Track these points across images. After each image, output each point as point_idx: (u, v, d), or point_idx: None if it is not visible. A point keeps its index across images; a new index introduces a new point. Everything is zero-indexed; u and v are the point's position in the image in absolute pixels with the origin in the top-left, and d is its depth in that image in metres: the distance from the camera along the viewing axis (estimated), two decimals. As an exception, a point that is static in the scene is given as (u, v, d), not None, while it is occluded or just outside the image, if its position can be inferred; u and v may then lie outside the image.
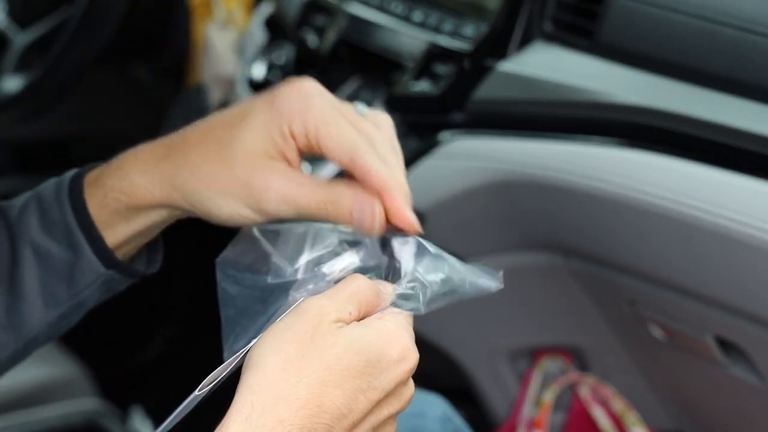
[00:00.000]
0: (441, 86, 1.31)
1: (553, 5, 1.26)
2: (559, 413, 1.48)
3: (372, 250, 0.79)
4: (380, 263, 0.79)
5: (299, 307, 0.72)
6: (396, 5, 1.44)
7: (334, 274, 0.78)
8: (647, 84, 1.15)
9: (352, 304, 0.73)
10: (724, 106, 1.08)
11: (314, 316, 0.71)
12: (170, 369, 2.14)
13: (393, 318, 0.74)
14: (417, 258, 0.77)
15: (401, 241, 0.78)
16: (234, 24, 1.72)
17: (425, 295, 0.76)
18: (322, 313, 0.71)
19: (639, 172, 1.11)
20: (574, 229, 1.25)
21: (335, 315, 0.71)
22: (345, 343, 0.70)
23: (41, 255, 0.88)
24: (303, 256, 0.80)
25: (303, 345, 0.70)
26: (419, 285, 0.76)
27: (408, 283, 0.76)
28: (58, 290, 0.88)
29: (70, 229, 0.87)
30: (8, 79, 1.70)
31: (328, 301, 0.72)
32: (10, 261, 0.88)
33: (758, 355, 1.18)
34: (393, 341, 0.72)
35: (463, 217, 1.33)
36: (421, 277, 0.76)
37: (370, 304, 0.74)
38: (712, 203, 1.05)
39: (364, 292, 0.74)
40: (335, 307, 0.72)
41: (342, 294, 0.73)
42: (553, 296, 1.38)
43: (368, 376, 0.70)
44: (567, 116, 1.19)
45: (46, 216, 0.88)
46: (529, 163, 1.21)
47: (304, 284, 0.79)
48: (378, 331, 0.72)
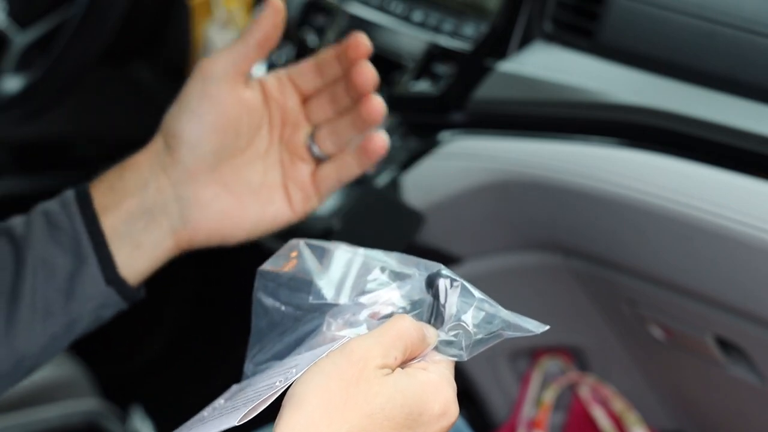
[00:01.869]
0: (441, 86, 1.31)
1: (553, 5, 1.26)
2: (559, 413, 1.48)
3: (416, 288, 0.77)
4: (423, 301, 0.77)
5: (345, 347, 0.70)
6: (396, 5, 1.44)
7: (373, 307, 0.77)
8: (647, 84, 1.15)
9: (398, 349, 0.72)
10: (724, 106, 1.08)
11: (360, 360, 0.69)
12: (170, 369, 2.14)
13: (437, 369, 0.73)
14: (461, 301, 0.75)
15: (447, 283, 0.76)
16: (234, 24, 1.71)
17: (468, 341, 0.75)
18: (368, 357, 0.70)
19: (639, 172, 1.11)
20: (574, 229, 1.25)
21: (381, 360, 0.70)
22: (389, 393, 0.69)
23: (45, 265, 0.89)
24: (347, 281, 0.79)
25: (347, 389, 0.68)
26: (462, 331, 0.75)
27: (451, 330, 0.75)
28: (56, 303, 0.89)
29: (78, 236, 0.89)
30: (8, 79, 1.70)
31: (374, 343, 0.71)
32: (14, 274, 0.89)
33: (758, 355, 1.18)
34: (436, 395, 0.71)
35: (463, 217, 1.33)
36: (465, 324, 0.75)
37: (415, 348, 0.73)
38: (712, 203, 1.05)
39: (410, 336, 0.73)
40: (381, 352, 0.71)
41: (388, 336, 0.72)
42: (553, 296, 1.38)
43: (408, 429, 0.69)
44: (567, 116, 1.19)
45: (53, 226, 0.89)
46: (529, 163, 1.21)
47: (342, 312, 0.77)
48: (422, 383, 0.71)
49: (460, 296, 0.76)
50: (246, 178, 0.93)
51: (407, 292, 0.78)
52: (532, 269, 1.36)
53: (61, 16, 1.67)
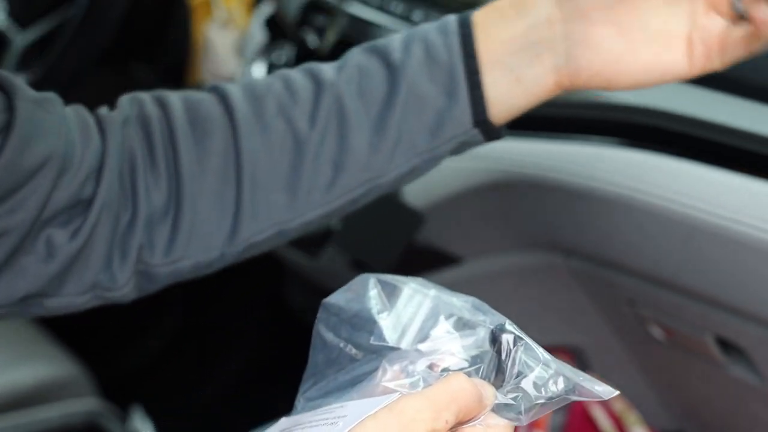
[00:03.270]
0: (441, 86, 1.30)
1: (553, 5, 1.26)
2: (559, 413, 1.48)
3: (480, 340, 0.73)
4: (484, 355, 0.73)
5: (395, 406, 0.66)
6: (396, 5, 1.44)
7: (432, 357, 0.73)
8: (647, 84, 1.15)
9: (450, 411, 0.66)
10: (724, 106, 1.08)
11: (410, 421, 0.65)
12: (170, 369, 2.14)
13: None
14: (524, 361, 0.71)
15: (511, 339, 0.72)
16: (234, 24, 1.72)
17: (528, 404, 0.70)
18: (419, 418, 0.65)
19: (639, 172, 1.11)
20: (574, 229, 1.25)
21: (431, 424, 0.65)
22: None
23: (418, 99, 0.87)
24: (412, 325, 0.76)
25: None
26: (523, 394, 0.70)
27: (510, 392, 0.70)
28: (422, 138, 0.88)
29: (454, 74, 0.87)
30: (8, 79, 1.69)
31: (425, 404, 0.66)
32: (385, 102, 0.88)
33: (758, 355, 1.18)
34: None
35: (463, 217, 1.33)
36: (527, 386, 0.70)
37: (470, 410, 0.68)
38: (712, 203, 1.05)
39: (464, 397, 0.67)
40: (432, 414, 0.66)
41: (441, 396, 0.67)
42: (553, 296, 1.38)
43: None
44: (567, 116, 1.19)
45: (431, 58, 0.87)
46: (529, 163, 1.21)
47: (400, 358, 0.74)
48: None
49: (524, 355, 0.71)
50: (644, 22, 0.87)
51: (469, 345, 0.74)
52: (532, 269, 1.36)
53: (61, 16, 1.67)
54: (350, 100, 0.89)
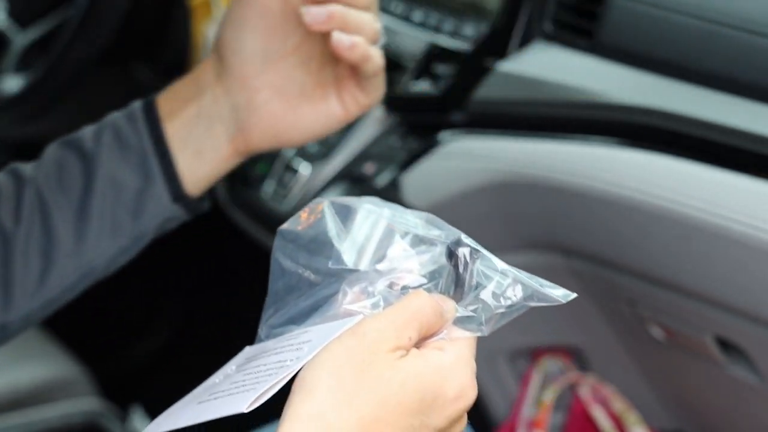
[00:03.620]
0: (441, 86, 1.31)
1: (553, 5, 1.26)
2: (559, 413, 1.48)
3: (436, 256, 0.75)
4: (442, 270, 0.75)
5: (358, 329, 0.69)
6: (396, 5, 1.44)
7: (391, 276, 0.74)
8: (647, 84, 1.15)
9: (413, 329, 0.69)
10: (724, 106, 1.08)
11: (373, 342, 0.68)
12: (170, 368, 2.14)
13: (454, 349, 0.70)
14: (482, 272, 0.73)
15: (467, 252, 0.74)
16: (234, 24, 1.71)
17: (488, 315, 0.72)
18: (381, 339, 0.68)
19: (639, 172, 1.11)
20: (574, 229, 1.25)
21: (394, 342, 0.68)
22: (401, 379, 0.67)
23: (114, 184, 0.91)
24: (369, 246, 0.76)
25: (359, 375, 0.67)
26: (482, 305, 0.72)
27: (470, 304, 0.72)
28: (124, 220, 0.92)
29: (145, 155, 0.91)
30: (8, 79, 1.70)
31: (388, 324, 0.69)
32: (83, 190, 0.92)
33: (758, 355, 1.18)
34: (451, 379, 0.69)
35: (463, 217, 1.33)
36: (487, 297, 0.72)
37: (432, 326, 0.71)
38: (712, 203, 1.05)
39: (425, 314, 0.70)
40: (395, 334, 0.69)
41: (403, 316, 0.70)
42: (553, 296, 1.38)
43: (422, 414, 0.68)
44: (567, 116, 1.19)
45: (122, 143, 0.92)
46: (529, 163, 1.21)
47: (359, 280, 0.74)
48: (437, 366, 0.69)
49: (481, 266, 0.73)
50: (298, 80, 0.95)
51: (427, 261, 0.75)
52: (532, 269, 1.35)
53: (61, 16, 1.67)
54: (51, 193, 0.93)
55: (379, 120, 1.41)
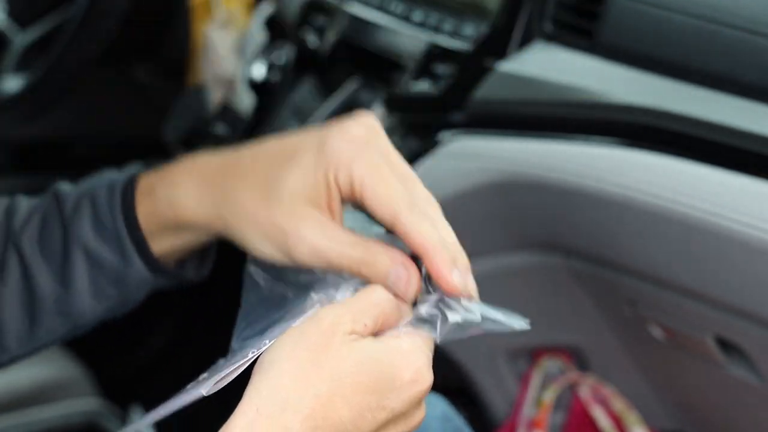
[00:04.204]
0: (441, 86, 1.31)
1: (553, 5, 1.26)
2: (559, 413, 1.48)
3: None
4: None
5: (316, 315, 0.71)
6: (396, 5, 1.44)
7: (356, 281, 0.76)
8: (647, 84, 1.15)
9: (369, 317, 0.71)
10: (724, 106, 1.08)
11: (329, 325, 0.70)
12: (170, 368, 2.14)
13: (409, 338, 0.72)
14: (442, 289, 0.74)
15: None
16: (234, 24, 1.72)
17: (444, 325, 0.74)
18: (338, 322, 0.70)
19: (639, 172, 1.11)
20: (574, 229, 1.25)
21: (350, 326, 0.70)
22: (357, 358, 0.69)
23: (93, 257, 0.89)
24: None
25: (316, 354, 0.69)
26: (440, 314, 0.74)
27: (428, 308, 0.74)
28: (108, 289, 0.90)
29: (120, 237, 0.88)
30: (8, 79, 1.70)
31: (344, 311, 0.71)
32: (63, 257, 0.90)
33: (758, 355, 1.18)
34: (407, 361, 0.71)
35: (464, 217, 1.33)
36: (444, 306, 0.74)
37: (388, 318, 0.73)
38: (712, 203, 1.05)
39: (382, 305, 0.72)
40: (351, 318, 0.71)
41: (360, 304, 0.72)
42: (553, 296, 1.38)
43: (378, 394, 0.69)
44: (567, 116, 1.19)
45: (98, 220, 0.89)
46: (529, 163, 1.21)
47: (325, 287, 0.76)
48: (393, 349, 0.71)
49: None
50: None
51: None
52: (532, 269, 1.36)
53: (61, 16, 1.67)
54: (33, 256, 0.90)
55: (379, 120, 1.41)
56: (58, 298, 0.90)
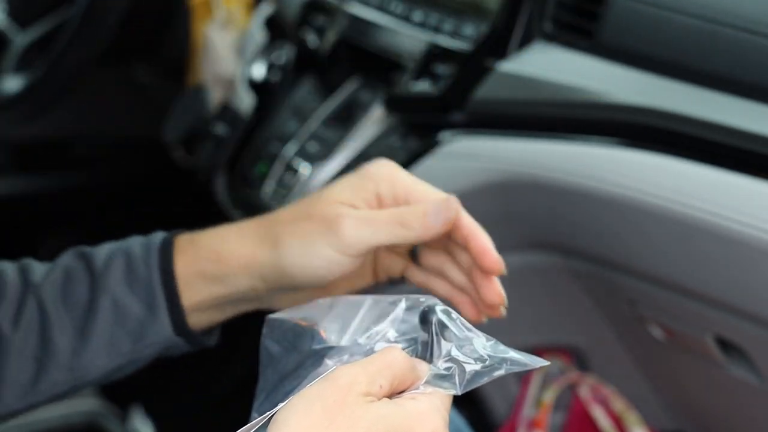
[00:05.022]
0: (441, 86, 1.31)
1: (553, 5, 1.26)
2: (559, 413, 1.48)
3: (412, 326, 0.77)
4: (418, 338, 0.77)
5: (331, 374, 0.70)
6: (396, 5, 1.44)
7: (369, 345, 0.76)
8: (647, 84, 1.15)
9: (384, 378, 0.71)
10: (724, 106, 1.08)
11: (344, 386, 0.69)
12: (170, 369, 2.14)
13: (426, 399, 0.72)
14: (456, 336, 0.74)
15: (440, 318, 0.75)
16: (234, 24, 1.72)
17: (462, 376, 0.73)
18: (353, 382, 0.69)
19: (639, 172, 1.11)
20: (574, 229, 1.25)
21: (365, 387, 0.70)
22: (372, 419, 0.68)
23: (118, 309, 0.90)
24: (352, 325, 0.79)
25: (330, 414, 0.68)
26: (456, 366, 0.73)
27: (444, 362, 0.74)
28: (124, 344, 0.91)
29: (152, 287, 0.89)
30: (8, 79, 1.70)
31: (360, 370, 0.70)
32: (87, 309, 0.91)
33: (758, 355, 1.18)
34: (422, 423, 0.70)
35: (463, 217, 1.33)
36: (460, 357, 0.74)
37: (404, 379, 0.73)
38: (712, 203, 1.05)
39: (398, 366, 0.72)
40: (367, 379, 0.70)
41: (375, 365, 0.71)
42: (553, 296, 1.38)
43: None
44: (567, 116, 1.19)
45: (132, 272, 0.90)
46: (529, 163, 1.21)
47: (340, 353, 0.77)
48: (408, 411, 0.70)
49: (455, 330, 0.75)
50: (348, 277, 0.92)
51: (403, 330, 0.77)
52: (532, 269, 1.36)
53: (61, 16, 1.67)
54: (54, 305, 0.91)
55: (379, 120, 1.41)
56: (73, 351, 0.90)
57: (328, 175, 1.43)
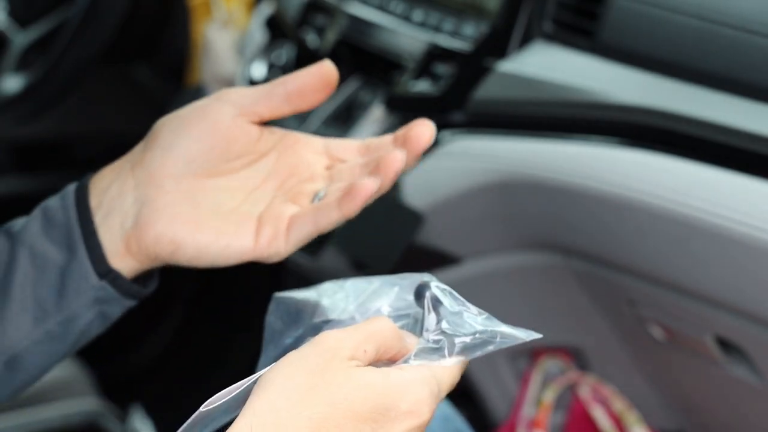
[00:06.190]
0: (441, 86, 1.31)
1: (553, 5, 1.26)
2: (559, 413, 1.48)
3: (408, 303, 0.77)
4: (412, 314, 0.77)
5: (316, 338, 0.71)
6: (396, 5, 1.44)
7: (362, 318, 0.77)
8: (647, 84, 1.15)
9: (370, 344, 0.71)
10: (724, 106, 1.08)
11: (328, 349, 0.69)
12: (170, 369, 2.14)
13: (414, 369, 0.72)
14: (448, 311, 0.74)
15: (434, 293, 0.75)
16: (234, 24, 1.72)
17: (452, 348, 0.73)
18: (338, 347, 0.70)
19: (639, 172, 1.11)
20: (574, 229, 1.25)
21: (350, 352, 0.70)
22: (355, 384, 0.68)
23: (37, 258, 0.87)
24: (354, 302, 0.80)
25: (313, 376, 0.68)
26: (446, 338, 0.73)
27: (435, 336, 0.74)
28: (48, 299, 0.87)
29: (70, 228, 0.86)
30: (8, 79, 1.70)
31: (345, 335, 0.70)
32: (6, 266, 0.88)
33: (758, 355, 1.18)
34: (406, 392, 0.70)
35: (463, 217, 1.33)
36: (450, 330, 0.73)
37: (390, 348, 0.72)
38: (712, 203, 1.05)
39: (384, 333, 0.72)
40: (352, 344, 0.70)
41: (361, 331, 0.71)
42: (553, 296, 1.38)
43: (372, 422, 0.68)
44: (567, 116, 1.19)
45: (49, 221, 0.88)
46: (529, 163, 1.21)
47: (337, 325, 0.78)
48: (392, 379, 0.70)
49: (448, 304, 0.75)
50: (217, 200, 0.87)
51: (398, 306, 0.78)
52: (532, 269, 1.36)
53: (61, 16, 1.67)
54: None
55: (379, 120, 1.41)
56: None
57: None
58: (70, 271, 0.87)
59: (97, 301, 0.88)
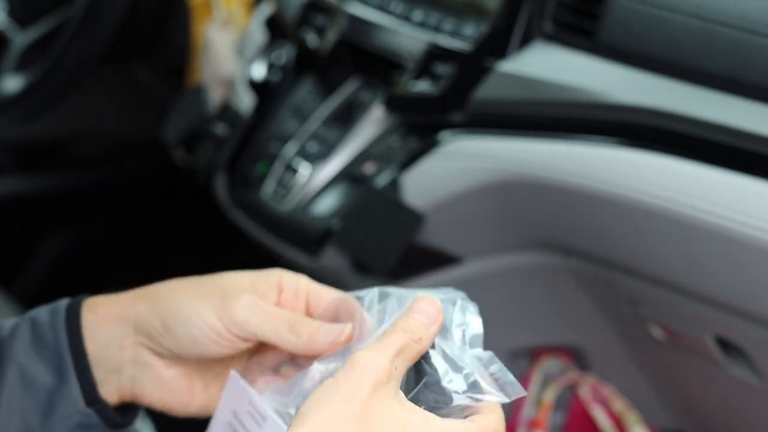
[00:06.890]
0: (441, 86, 1.31)
1: (553, 5, 1.26)
2: (559, 413, 1.48)
3: None
4: None
5: (348, 363, 0.73)
6: (396, 5, 1.44)
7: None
8: (647, 84, 1.15)
9: (399, 359, 0.74)
10: (724, 106, 1.08)
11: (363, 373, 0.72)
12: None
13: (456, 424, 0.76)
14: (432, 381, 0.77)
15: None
16: (234, 24, 1.72)
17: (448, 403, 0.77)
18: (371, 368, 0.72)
19: (639, 172, 1.11)
20: (574, 229, 1.25)
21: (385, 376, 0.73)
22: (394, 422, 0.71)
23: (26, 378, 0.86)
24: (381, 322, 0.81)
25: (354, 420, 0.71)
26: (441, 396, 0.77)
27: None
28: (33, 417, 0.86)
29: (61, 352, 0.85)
30: (8, 79, 1.70)
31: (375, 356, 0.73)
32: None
33: (758, 355, 1.18)
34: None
35: (463, 217, 1.33)
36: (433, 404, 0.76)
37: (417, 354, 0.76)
38: (712, 203, 1.05)
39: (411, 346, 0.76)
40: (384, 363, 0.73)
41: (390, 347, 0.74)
42: (553, 296, 1.38)
43: None
44: (567, 116, 1.19)
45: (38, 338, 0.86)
46: (529, 163, 1.21)
47: (327, 358, 0.80)
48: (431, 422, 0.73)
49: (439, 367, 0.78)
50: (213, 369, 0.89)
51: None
52: (532, 269, 1.36)
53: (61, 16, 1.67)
54: None
55: (379, 120, 1.41)
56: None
57: (329, 175, 1.43)
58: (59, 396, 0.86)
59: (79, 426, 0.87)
